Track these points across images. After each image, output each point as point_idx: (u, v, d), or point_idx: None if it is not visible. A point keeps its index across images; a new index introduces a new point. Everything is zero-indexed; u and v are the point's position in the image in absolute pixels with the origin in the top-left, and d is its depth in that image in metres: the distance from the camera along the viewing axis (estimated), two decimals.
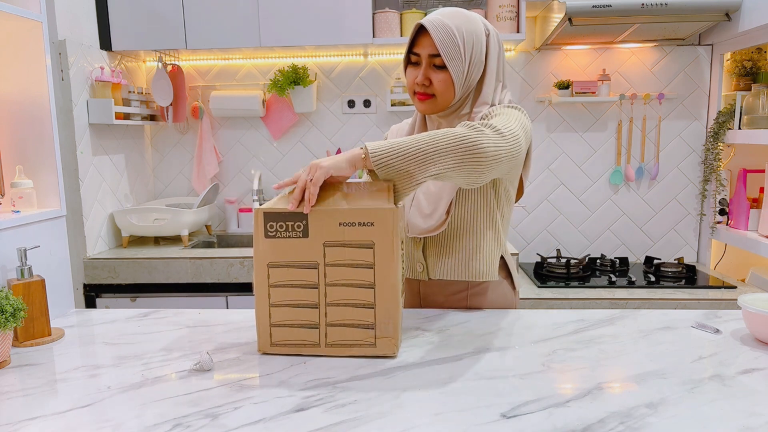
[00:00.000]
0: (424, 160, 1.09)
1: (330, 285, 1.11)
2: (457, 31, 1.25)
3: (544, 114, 2.81)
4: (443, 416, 0.91)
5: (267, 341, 1.15)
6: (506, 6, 2.46)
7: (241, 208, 2.91)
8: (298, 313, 1.13)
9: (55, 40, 2.23)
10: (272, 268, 1.12)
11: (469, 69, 1.28)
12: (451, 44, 1.25)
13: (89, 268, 2.35)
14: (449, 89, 1.29)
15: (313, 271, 1.12)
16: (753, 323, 1.22)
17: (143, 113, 2.63)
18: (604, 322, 1.35)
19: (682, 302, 2.21)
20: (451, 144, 1.09)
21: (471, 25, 1.28)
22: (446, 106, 1.33)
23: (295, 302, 1.13)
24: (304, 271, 1.12)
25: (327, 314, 1.12)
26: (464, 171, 1.11)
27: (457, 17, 1.28)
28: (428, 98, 1.31)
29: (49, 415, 0.95)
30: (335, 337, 1.13)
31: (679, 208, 2.82)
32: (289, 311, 1.13)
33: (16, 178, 1.56)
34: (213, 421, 0.91)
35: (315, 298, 1.12)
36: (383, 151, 1.09)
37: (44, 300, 1.33)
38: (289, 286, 1.12)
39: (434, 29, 1.25)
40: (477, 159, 1.11)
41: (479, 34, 1.28)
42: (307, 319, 1.13)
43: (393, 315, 1.12)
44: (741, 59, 2.60)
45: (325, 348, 1.14)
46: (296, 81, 2.72)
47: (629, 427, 0.88)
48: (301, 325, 1.13)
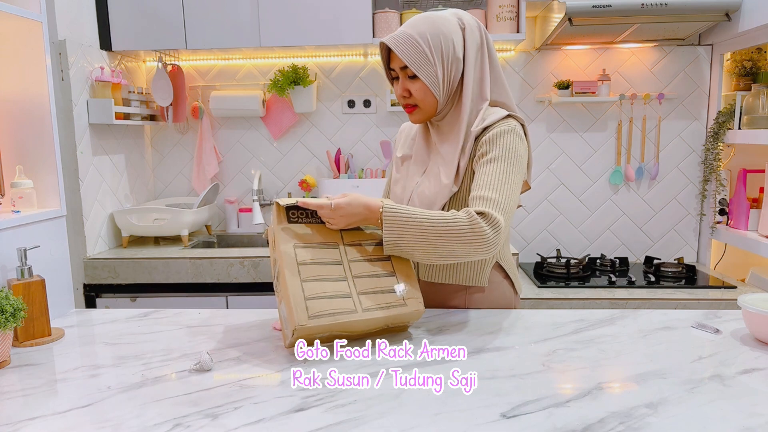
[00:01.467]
0: (429, 250, 1.20)
1: (352, 261, 1.24)
2: (420, 37, 1.26)
3: (544, 114, 2.81)
4: (443, 416, 0.91)
5: (304, 314, 1.13)
6: (506, 6, 2.46)
7: (241, 208, 2.91)
8: (329, 285, 1.19)
9: (55, 40, 2.23)
10: (299, 248, 1.21)
11: (443, 70, 1.28)
12: (415, 52, 1.25)
13: (89, 268, 2.35)
14: (428, 96, 1.30)
15: (335, 250, 1.24)
16: (753, 323, 1.22)
17: (143, 113, 2.63)
18: (604, 322, 1.35)
19: (682, 302, 2.21)
20: (457, 247, 1.17)
21: (436, 27, 1.27)
22: (433, 111, 1.34)
23: (324, 277, 1.19)
24: (328, 250, 1.23)
25: (356, 285, 1.21)
26: (469, 259, 1.21)
27: (421, 23, 1.28)
28: (413, 109, 1.34)
29: (49, 415, 0.95)
30: (369, 303, 1.20)
31: (679, 208, 2.82)
32: (321, 284, 1.18)
33: (16, 178, 1.56)
34: (213, 421, 0.91)
35: (342, 272, 1.21)
36: (395, 236, 1.20)
37: (44, 300, 1.33)
38: (316, 263, 1.20)
39: (395, 43, 1.26)
40: (483, 253, 1.19)
41: (448, 32, 1.27)
42: (339, 290, 1.19)
43: (412, 278, 1.26)
44: (741, 59, 2.60)
45: (363, 313, 1.17)
46: (296, 81, 2.72)
47: (629, 427, 0.88)
48: (334, 296, 1.17)
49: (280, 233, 1.21)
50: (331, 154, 2.87)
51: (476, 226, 1.16)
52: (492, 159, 1.26)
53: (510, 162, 1.25)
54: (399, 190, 1.46)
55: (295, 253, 1.19)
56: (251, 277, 2.34)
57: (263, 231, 1.36)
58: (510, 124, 1.30)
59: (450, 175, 1.32)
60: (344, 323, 1.16)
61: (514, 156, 1.26)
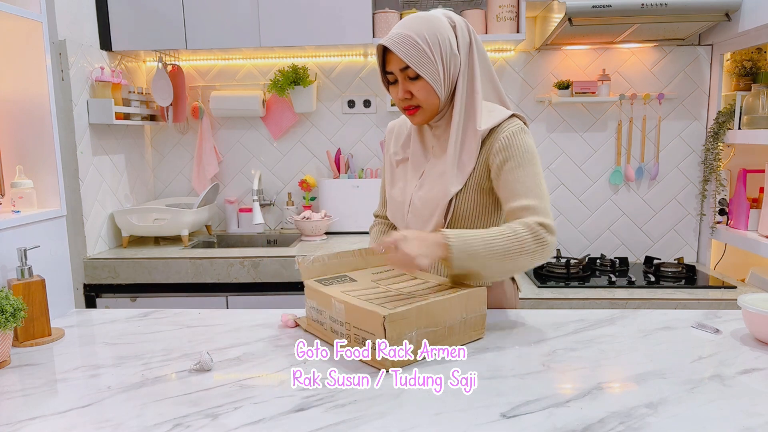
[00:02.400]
0: (495, 269, 1.21)
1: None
2: (417, 36, 1.25)
3: (544, 114, 2.80)
4: (443, 416, 0.91)
5: (384, 310, 1.10)
6: (506, 6, 2.46)
7: (241, 208, 2.91)
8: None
9: (55, 40, 2.23)
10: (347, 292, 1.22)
11: (443, 67, 1.28)
12: (416, 51, 1.24)
13: (89, 268, 2.35)
14: (431, 95, 1.29)
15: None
16: (753, 323, 1.22)
17: (143, 113, 2.63)
18: (604, 322, 1.35)
19: (682, 302, 2.21)
20: (523, 260, 1.19)
21: (431, 25, 1.27)
22: (436, 111, 1.33)
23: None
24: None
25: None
26: (528, 268, 1.24)
27: (415, 22, 1.27)
28: (416, 110, 1.32)
29: (49, 415, 0.95)
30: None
31: (679, 208, 2.82)
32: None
33: (16, 178, 1.56)
34: (213, 421, 0.91)
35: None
36: (463, 261, 1.18)
37: (44, 300, 1.33)
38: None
39: (394, 44, 1.25)
40: (545, 260, 1.23)
41: (443, 29, 1.27)
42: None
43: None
44: (741, 59, 2.60)
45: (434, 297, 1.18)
46: (296, 81, 2.72)
47: (629, 427, 0.88)
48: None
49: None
50: (331, 154, 2.87)
51: (539, 237, 1.19)
52: (518, 165, 1.27)
53: (534, 163, 1.27)
54: (397, 193, 1.45)
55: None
56: (251, 277, 2.34)
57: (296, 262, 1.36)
58: (518, 123, 1.31)
59: (453, 176, 1.31)
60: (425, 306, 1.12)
61: (534, 155, 1.28)
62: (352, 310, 1.14)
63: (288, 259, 2.33)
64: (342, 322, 1.18)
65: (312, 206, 2.89)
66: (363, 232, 2.79)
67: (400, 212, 1.44)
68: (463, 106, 1.32)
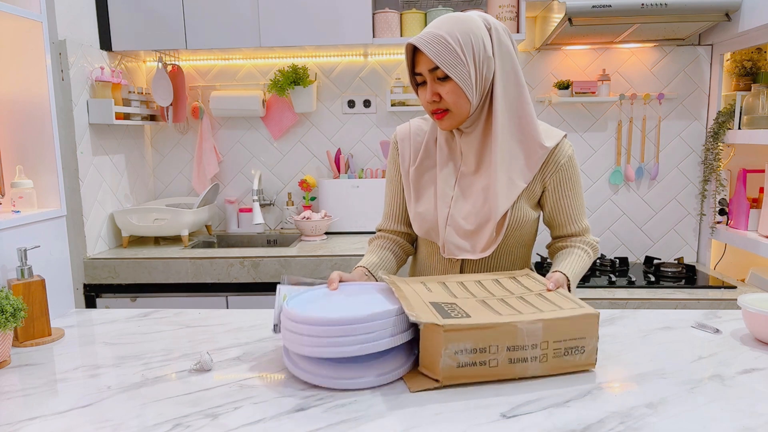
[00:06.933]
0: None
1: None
2: (449, 36, 1.18)
3: (544, 114, 2.80)
4: (443, 416, 0.91)
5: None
6: (506, 6, 2.47)
7: (241, 208, 2.91)
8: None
9: (55, 40, 2.23)
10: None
11: (476, 69, 1.20)
12: (446, 52, 1.17)
13: (89, 268, 2.35)
14: (461, 98, 1.21)
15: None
16: (753, 323, 1.22)
17: (143, 113, 2.63)
18: (604, 322, 1.35)
19: (682, 302, 2.21)
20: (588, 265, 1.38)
21: (464, 25, 1.20)
22: (466, 116, 1.25)
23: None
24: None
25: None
26: None
27: (447, 22, 1.20)
28: (444, 114, 1.25)
29: (49, 415, 0.95)
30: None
31: (678, 208, 2.82)
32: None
33: (16, 178, 1.56)
34: (213, 421, 0.91)
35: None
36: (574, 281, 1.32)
37: (44, 300, 1.33)
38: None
39: (424, 43, 1.17)
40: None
41: (477, 30, 1.21)
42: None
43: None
44: (741, 59, 2.60)
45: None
46: (296, 81, 2.72)
47: (629, 427, 0.88)
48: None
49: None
50: (331, 154, 2.87)
51: (597, 251, 1.40)
52: (574, 186, 1.34)
53: (581, 185, 1.37)
54: (427, 208, 1.34)
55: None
56: (251, 277, 2.34)
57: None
58: (571, 145, 1.33)
59: (503, 191, 1.25)
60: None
61: (580, 179, 1.38)
62: (553, 325, 1.01)
63: (288, 259, 2.33)
64: (536, 345, 1.02)
65: (312, 206, 2.89)
66: (363, 232, 2.79)
67: (433, 228, 1.33)
68: (507, 115, 1.25)
